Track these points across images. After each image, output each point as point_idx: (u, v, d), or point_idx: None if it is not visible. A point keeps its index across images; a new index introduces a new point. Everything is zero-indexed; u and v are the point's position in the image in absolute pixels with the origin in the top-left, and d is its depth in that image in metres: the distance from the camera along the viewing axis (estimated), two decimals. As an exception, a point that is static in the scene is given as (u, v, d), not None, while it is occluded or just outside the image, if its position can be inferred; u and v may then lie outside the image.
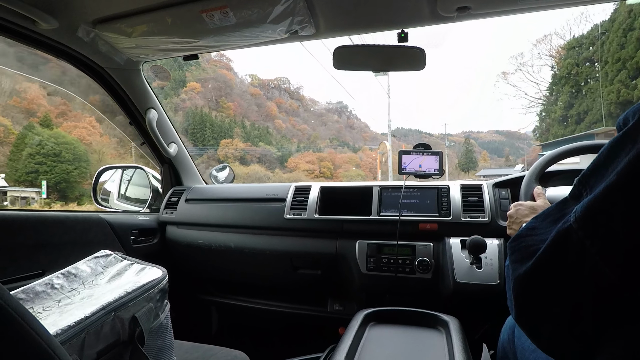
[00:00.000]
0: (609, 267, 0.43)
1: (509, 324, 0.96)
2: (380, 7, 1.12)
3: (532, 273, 0.52)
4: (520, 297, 0.56)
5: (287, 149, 43.30)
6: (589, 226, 0.45)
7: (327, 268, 1.62)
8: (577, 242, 0.46)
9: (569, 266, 0.47)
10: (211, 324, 2.10)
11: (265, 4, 1.05)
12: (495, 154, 72.65)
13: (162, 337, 0.91)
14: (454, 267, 1.31)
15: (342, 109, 71.52)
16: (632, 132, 0.44)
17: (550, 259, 0.50)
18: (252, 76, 65.07)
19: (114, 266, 0.98)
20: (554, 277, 0.50)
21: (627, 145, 0.44)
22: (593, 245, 0.44)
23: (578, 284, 0.47)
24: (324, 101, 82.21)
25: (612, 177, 0.43)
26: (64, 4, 1.10)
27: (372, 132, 71.50)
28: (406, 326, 1.09)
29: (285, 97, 62.17)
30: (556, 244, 0.49)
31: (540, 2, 1.04)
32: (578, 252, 0.46)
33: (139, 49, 1.36)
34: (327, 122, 56.00)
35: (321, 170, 33.23)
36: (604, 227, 0.44)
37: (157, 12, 1.13)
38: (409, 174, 1.50)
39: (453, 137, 37.05)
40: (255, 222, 1.69)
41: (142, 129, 1.77)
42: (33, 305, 0.79)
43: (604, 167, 0.47)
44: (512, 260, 0.58)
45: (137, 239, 1.73)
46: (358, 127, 71.22)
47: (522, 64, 39.85)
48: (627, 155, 0.43)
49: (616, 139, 0.46)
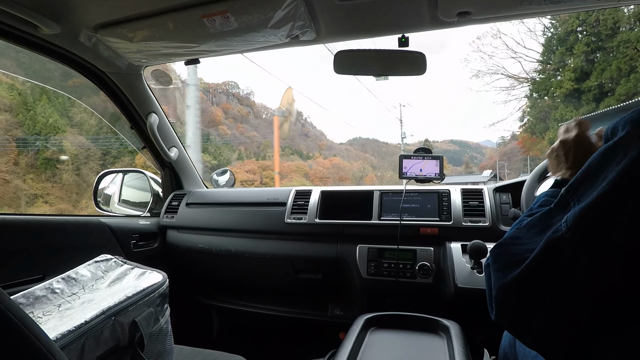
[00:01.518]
0: (608, 272, 0.44)
1: None
2: (381, 12, 1.12)
3: (519, 282, 0.53)
4: (504, 304, 0.57)
5: (225, 157, 38.04)
6: (582, 234, 0.46)
7: (327, 272, 1.61)
8: (569, 251, 0.47)
9: (559, 274, 0.48)
10: (212, 328, 2.09)
11: (266, 9, 1.06)
12: (450, 163, 72.88)
13: (162, 341, 0.91)
14: (454, 271, 1.30)
15: (297, 117, 68.14)
16: (624, 141, 0.45)
17: (538, 268, 0.51)
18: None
19: (115, 270, 0.98)
20: (542, 285, 0.51)
21: (618, 154, 0.45)
22: (587, 253, 0.45)
23: (569, 291, 0.48)
24: (276, 108, 78.98)
25: (605, 185, 0.44)
26: (66, 10, 1.11)
27: (329, 141, 68.63)
28: (407, 331, 1.08)
29: (234, 102, 59.02)
30: (546, 253, 0.50)
31: (541, 7, 1.04)
32: (570, 260, 0.47)
33: (141, 54, 1.36)
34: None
35: (262, 180, 30.86)
36: (598, 235, 0.45)
37: (159, 17, 1.13)
38: (409, 179, 1.50)
39: (410, 147, 36.98)
40: (256, 227, 1.68)
41: (143, 133, 1.77)
42: (33, 310, 0.79)
43: (593, 177, 0.48)
44: (495, 267, 0.59)
45: (137, 243, 1.73)
46: (314, 136, 68.15)
47: (478, 38, 27.65)
48: (618, 164, 0.44)
49: (606, 149, 0.48)
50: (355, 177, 39.75)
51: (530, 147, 25.96)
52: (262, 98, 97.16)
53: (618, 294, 0.45)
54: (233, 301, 1.96)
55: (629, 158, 0.43)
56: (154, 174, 2.07)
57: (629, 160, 0.43)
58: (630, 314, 0.45)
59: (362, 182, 38.92)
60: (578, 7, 1.05)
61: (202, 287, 2.02)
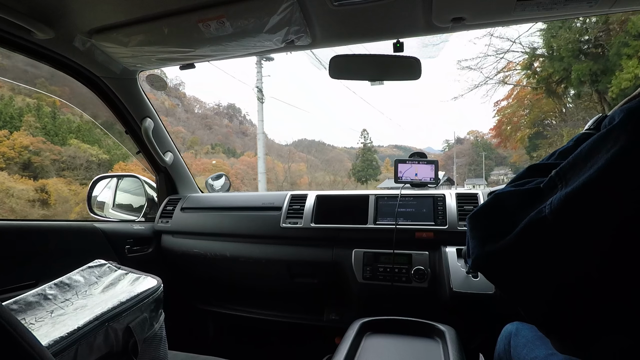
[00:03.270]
0: (584, 260, 0.45)
1: (505, 334, 0.96)
2: (376, 17, 1.13)
3: (497, 256, 0.55)
4: (482, 270, 0.60)
5: (123, 152, 29.63)
6: (565, 219, 0.46)
7: (323, 277, 1.61)
8: (549, 233, 0.48)
9: (537, 255, 0.49)
10: (207, 333, 2.08)
11: (261, 14, 1.06)
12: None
13: (157, 347, 0.90)
14: (450, 276, 1.30)
15: (233, 113, 62.71)
16: (615, 130, 0.45)
17: (517, 246, 0.52)
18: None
19: (108, 276, 0.98)
20: (519, 263, 0.52)
21: (609, 142, 0.45)
22: (566, 238, 0.46)
23: (543, 274, 0.49)
24: (212, 102, 73.28)
25: (592, 172, 0.44)
26: (61, 14, 1.11)
27: (270, 141, 62.31)
28: (402, 336, 1.08)
29: (158, 93, 54.71)
30: (527, 232, 0.50)
31: (534, 14, 1.05)
32: (548, 242, 0.48)
33: (136, 59, 1.36)
34: (212, 126, 49.46)
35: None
36: (580, 221, 0.45)
37: (154, 22, 1.13)
38: (405, 183, 1.51)
39: (355, 150, 35.88)
40: (251, 231, 1.68)
41: (138, 138, 1.77)
42: (25, 316, 0.78)
43: (582, 163, 0.48)
44: (472, 235, 0.61)
45: (132, 248, 1.72)
46: (252, 134, 60.32)
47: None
48: (608, 152, 0.44)
49: (600, 136, 0.48)
50: (279, 181, 37.37)
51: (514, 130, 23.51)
52: (197, 91, 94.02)
53: (591, 284, 0.45)
54: (228, 306, 1.95)
55: (619, 146, 0.43)
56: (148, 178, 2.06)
57: (618, 148, 0.43)
58: (603, 305, 0.45)
59: (295, 186, 36.56)
60: (570, 14, 1.06)
61: (197, 292, 2.01)
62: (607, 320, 0.46)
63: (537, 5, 1.00)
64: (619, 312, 0.45)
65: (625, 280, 0.43)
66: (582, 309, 0.47)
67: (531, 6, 1.01)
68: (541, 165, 0.62)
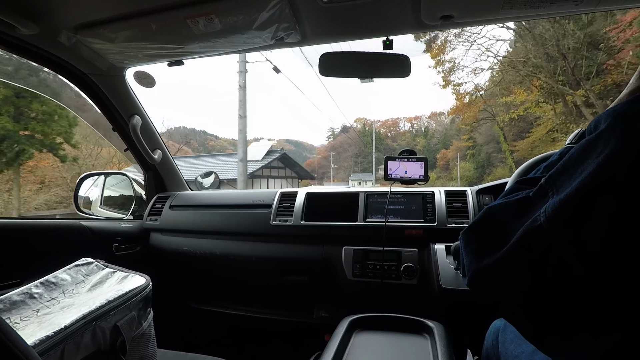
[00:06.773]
0: (579, 263, 0.45)
1: (493, 329, 0.97)
2: (366, 14, 1.13)
3: (494, 269, 0.54)
4: (478, 286, 0.58)
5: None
6: (559, 226, 0.46)
7: (313, 274, 1.61)
8: (545, 242, 0.47)
9: (533, 265, 0.49)
10: (196, 331, 2.07)
11: (251, 10, 1.05)
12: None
13: (145, 346, 0.90)
14: (439, 272, 1.31)
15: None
16: (605, 134, 0.45)
17: (514, 256, 0.51)
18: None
19: (96, 274, 0.97)
20: (516, 275, 0.51)
21: (598, 147, 0.45)
22: (563, 245, 0.46)
23: (543, 280, 0.48)
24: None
25: (584, 177, 0.44)
26: (45, 9, 1.08)
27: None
28: (391, 332, 1.09)
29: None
30: (523, 243, 0.50)
31: (522, 12, 1.06)
32: (544, 251, 0.47)
33: (123, 55, 1.34)
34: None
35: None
36: (574, 226, 0.45)
37: (142, 18, 1.12)
38: (394, 180, 1.51)
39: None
40: (241, 229, 1.67)
41: (126, 135, 1.75)
42: (10, 316, 0.77)
43: (572, 169, 0.48)
44: (467, 250, 0.60)
45: (120, 246, 1.70)
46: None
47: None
48: (598, 156, 0.44)
49: (588, 141, 0.48)
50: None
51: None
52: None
53: (581, 287, 0.45)
54: (218, 304, 1.94)
55: (609, 150, 0.43)
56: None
57: (609, 152, 0.43)
58: (603, 308, 0.46)
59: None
60: (557, 12, 1.07)
61: (186, 290, 2.00)
62: (607, 322, 0.46)
63: (524, 3, 1.01)
64: (619, 313, 0.45)
65: (624, 280, 0.44)
66: (582, 312, 0.47)
67: (518, 4, 1.02)
68: (530, 179, 0.62)
